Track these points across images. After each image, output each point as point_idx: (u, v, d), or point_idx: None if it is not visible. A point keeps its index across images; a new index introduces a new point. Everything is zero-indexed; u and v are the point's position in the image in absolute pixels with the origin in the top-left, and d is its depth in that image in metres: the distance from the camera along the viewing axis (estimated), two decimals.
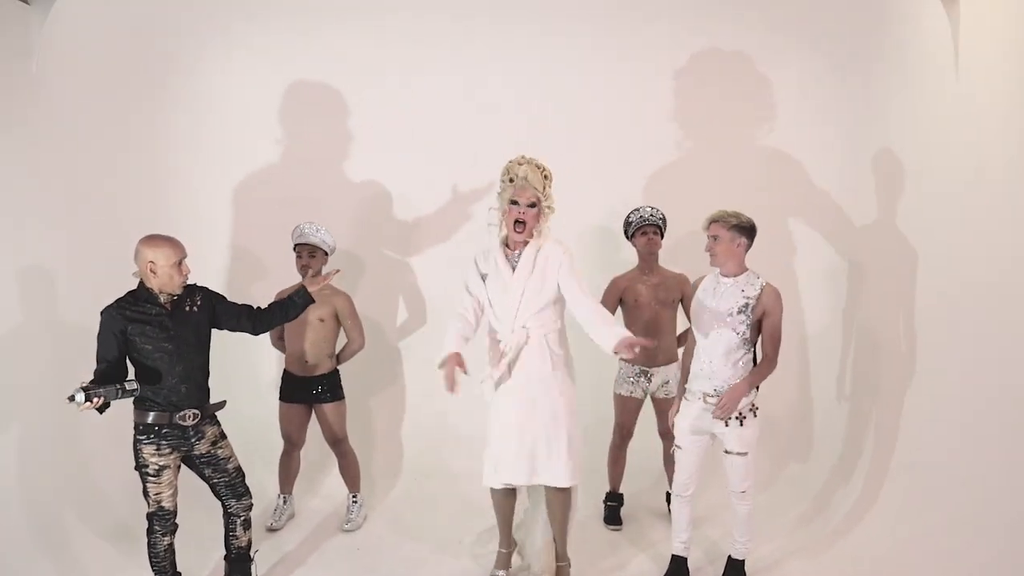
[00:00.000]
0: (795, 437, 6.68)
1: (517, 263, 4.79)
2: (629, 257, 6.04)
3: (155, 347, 4.45)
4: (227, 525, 4.87)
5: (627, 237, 5.91)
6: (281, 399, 5.89)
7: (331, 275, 5.09)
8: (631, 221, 5.85)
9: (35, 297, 5.24)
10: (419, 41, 6.68)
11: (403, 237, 6.94)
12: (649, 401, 5.93)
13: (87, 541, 5.24)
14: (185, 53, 6.49)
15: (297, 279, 5.90)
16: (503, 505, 5.05)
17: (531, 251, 4.77)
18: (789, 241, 6.71)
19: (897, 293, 5.64)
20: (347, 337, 5.98)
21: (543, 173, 4.77)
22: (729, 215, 4.76)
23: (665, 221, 5.86)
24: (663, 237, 5.85)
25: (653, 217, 5.81)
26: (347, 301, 5.92)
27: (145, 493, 4.55)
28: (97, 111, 5.75)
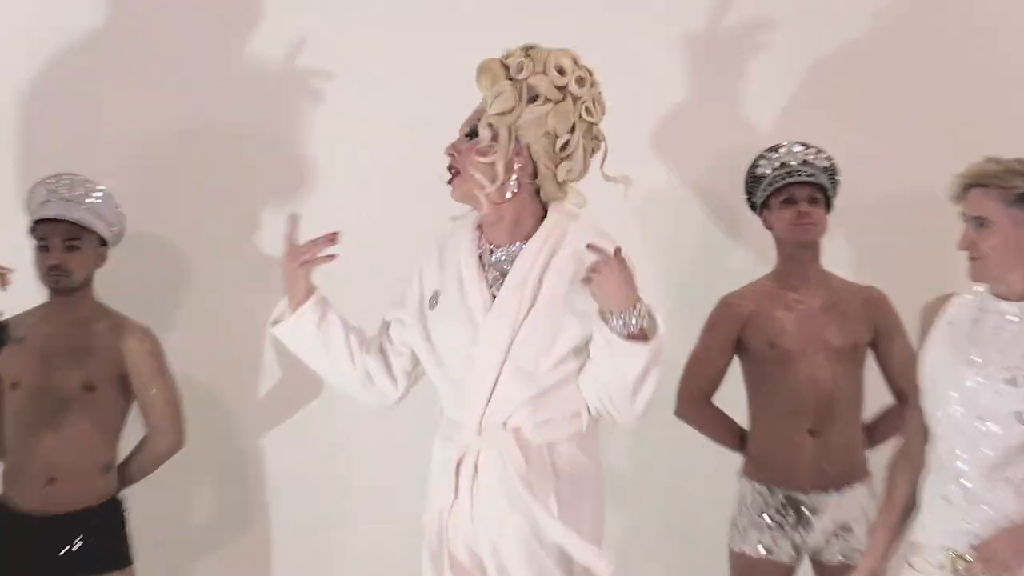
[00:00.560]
0: None
1: (506, 271, 2.31)
2: (749, 259, 3.34)
3: None
4: None
5: (753, 209, 3.13)
6: None
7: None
8: (760, 175, 3.04)
9: None
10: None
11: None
12: (807, 567, 3.07)
13: None
14: None
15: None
16: None
17: (539, 244, 2.30)
18: None
19: None
20: (146, 424, 3.08)
21: (511, 63, 2.27)
22: (1010, 171, 2.32)
23: (835, 173, 3.05)
24: (831, 209, 3.06)
25: (808, 166, 2.99)
26: (146, 344, 3.06)
27: None
28: None
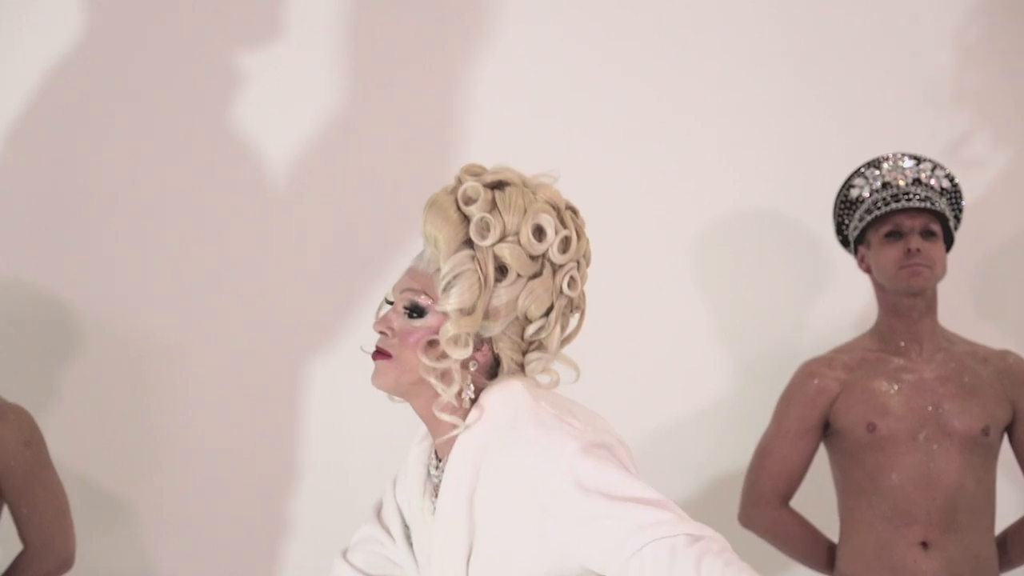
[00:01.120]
0: None
1: (439, 486, 1.36)
2: (839, 312, 2.66)
3: None
4: None
5: (845, 245, 2.40)
6: None
7: None
8: (855, 198, 2.31)
9: None
10: None
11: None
12: None
13: None
14: None
15: None
16: None
17: (465, 451, 1.30)
18: None
19: None
20: (22, 539, 2.19)
21: (473, 213, 1.26)
22: None
23: (958, 198, 2.34)
24: (951, 246, 2.32)
25: (921, 187, 2.28)
26: (21, 431, 2.16)
27: None
28: None
